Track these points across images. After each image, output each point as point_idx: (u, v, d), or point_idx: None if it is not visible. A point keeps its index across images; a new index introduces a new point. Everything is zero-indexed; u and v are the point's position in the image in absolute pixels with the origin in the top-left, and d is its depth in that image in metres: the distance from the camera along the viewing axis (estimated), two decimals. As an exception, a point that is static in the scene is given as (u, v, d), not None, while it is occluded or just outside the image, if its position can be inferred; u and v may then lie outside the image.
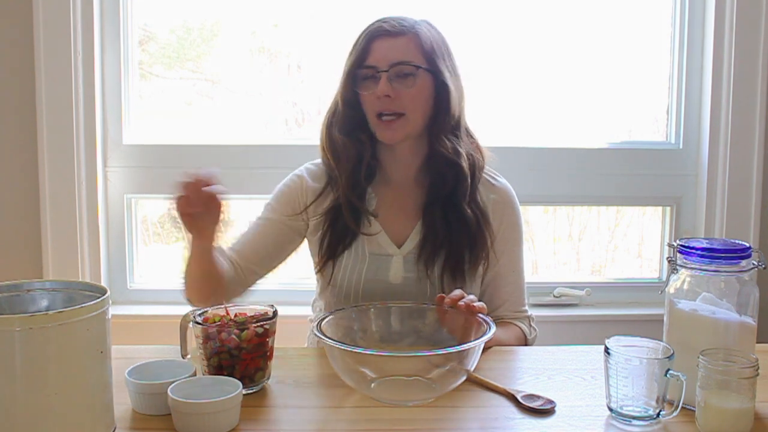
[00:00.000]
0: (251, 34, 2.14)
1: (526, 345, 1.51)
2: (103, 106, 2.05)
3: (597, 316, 2.12)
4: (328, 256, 1.46)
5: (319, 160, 1.54)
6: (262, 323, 1.17)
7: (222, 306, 1.22)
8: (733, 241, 1.14)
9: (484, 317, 1.22)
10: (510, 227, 1.51)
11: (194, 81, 2.18)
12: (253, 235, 1.51)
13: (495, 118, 2.16)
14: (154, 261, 2.20)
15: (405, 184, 1.50)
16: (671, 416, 1.05)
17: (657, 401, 1.06)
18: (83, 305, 0.95)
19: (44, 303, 1.06)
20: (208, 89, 2.19)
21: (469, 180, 1.45)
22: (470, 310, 1.23)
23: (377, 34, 1.41)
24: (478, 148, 1.51)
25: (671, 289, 1.14)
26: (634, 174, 2.15)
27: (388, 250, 1.45)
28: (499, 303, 1.51)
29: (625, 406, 1.07)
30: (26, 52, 1.96)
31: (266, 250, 1.51)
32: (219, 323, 1.17)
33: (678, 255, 1.13)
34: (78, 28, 1.97)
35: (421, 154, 1.49)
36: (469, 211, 1.44)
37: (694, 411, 1.05)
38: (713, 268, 1.09)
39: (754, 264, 1.10)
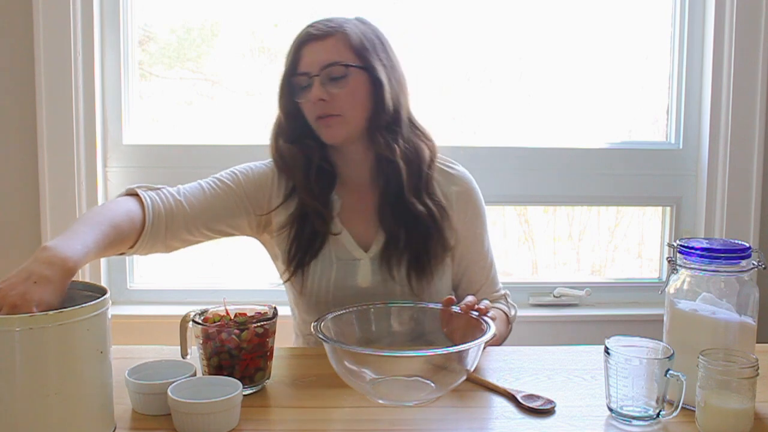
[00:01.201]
0: (251, 34, 2.14)
1: (508, 324, 1.52)
2: (103, 106, 2.05)
3: (597, 316, 2.12)
4: (296, 265, 1.44)
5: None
6: (262, 323, 1.17)
7: (222, 306, 1.22)
8: (733, 241, 1.14)
9: (485, 318, 1.22)
10: (475, 216, 1.51)
11: (194, 81, 2.18)
12: (207, 196, 1.42)
13: (495, 118, 2.17)
14: (154, 261, 2.19)
15: (363, 187, 1.48)
16: (671, 416, 1.05)
17: (657, 401, 1.06)
18: (83, 305, 0.95)
19: (44, 303, 1.06)
20: (208, 89, 2.19)
21: (410, 175, 1.42)
22: (482, 314, 1.23)
23: (305, 39, 1.40)
24: (425, 138, 1.48)
25: (671, 289, 1.14)
26: (634, 174, 2.15)
27: (355, 254, 1.44)
28: (476, 289, 1.51)
29: (625, 406, 1.07)
30: (26, 52, 1.95)
31: (214, 217, 1.42)
32: (219, 323, 1.17)
33: (678, 255, 1.13)
34: (78, 28, 1.97)
35: (370, 154, 1.46)
36: (421, 207, 1.42)
37: (694, 411, 1.05)
38: (713, 268, 1.09)
39: (754, 264, 1.10)
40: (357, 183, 1.49)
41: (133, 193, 1.37)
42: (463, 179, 1.52)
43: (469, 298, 1.27)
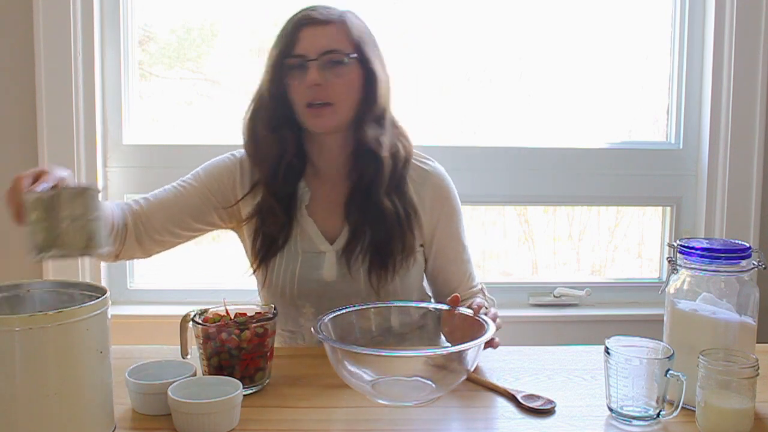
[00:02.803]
0: (251, 33, 2.14)
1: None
2: (103, 106, 2.05)
3: (597, 316, 2.12)
4: (261, 257, 1.43)
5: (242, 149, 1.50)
6: (262, 323, 1.17)
7: (222, 306, 1.22)
8: (733, 241, 1.14)
9: (483, 317, 1.22)
10: (450, 213, 1.48)
11: (194, 81, 2.18)
12: (169, 196, 1.45)
13: (495, 118, 2.17)
14: (154, 261, 2.19)
15: (335, 178, 1.46)
16: (671, 416, 1.05)
17: (657, 401, 1.06)
18: (83, 305, 0.95)
19: (44, 303, 1.06)
20: (208, 89, 2.19)
21: (389, 172, 1.41)
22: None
23: (305, 22, 1.37)
24: (403, 137, 1.46)
25: (671, 289, 1.14)
26: (634, 174, 2.15)
27: (320, 247, 1.42)
28: (455, 286, 1.48)
29: (625, 406, 1.07)
30: (26, 52, 1.95)
31: (180, 215, 1.44)
32: (219, 323, 1.17)
33: (678, 255, 1.13)
34: (78, 28, 1.97)
35: (349, 146, 1.43)
36: (389, 204, 1.40)
37: (694, 411, 1.05)
38: (713, 268, 1.09)
39: (754, 264, 1.10)
40: (328, 174, 1.46)
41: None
42: (438, 176, 1.49)
43: (479, 300, 1.27)
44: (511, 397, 1.15)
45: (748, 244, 1.11)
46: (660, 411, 1.06)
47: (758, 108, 2.03)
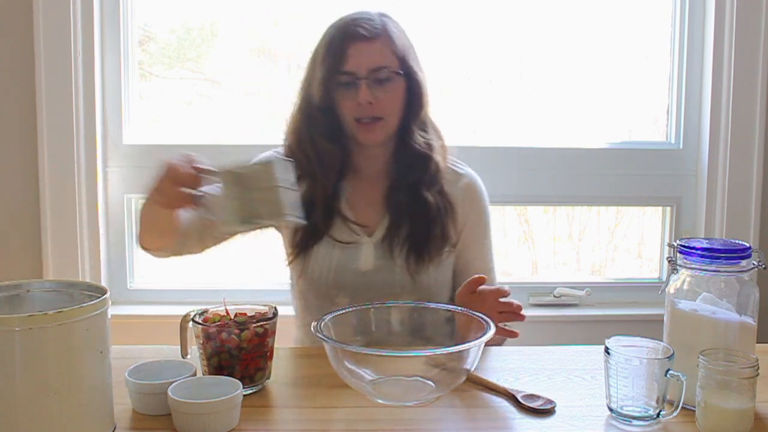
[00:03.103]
0: (251, 33, 2.14)
1: None
2: (103, 106, 2.05)
3: (597, 316, 2.12)
4: (300, 248, 1.48)
5: (280, 149, 1.54)
6: (262, 323, 1.17)
7: (222, 306, 1.22)
8: (733, 241, 1.14)
9: (484, 317, 1.22)
10: (477, 216, 1.54)
11: (194, 81, 2.18)
12: None
13: (496, 118, 2.17)
14: (154, 261, 2.19)
15: (374, 176, 1.53)
16: (671, 416, 1.05)
17: (657, 401, 1.06)
18: (83, 305, 0.95)
19: (44, 303, 1.06)
20: (208, 89, 2.19)
21: (434, 170, 1.48)
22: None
23: (353, 38, 1.41)
24: (440, 136, 1.53)
25: (671, 289, 1.14)
26: (634, 174, 2.15)
27: (358, 238, 1.48)
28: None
29: (625, 406, 1.07)
30: (26, 52, 1.95)
31: None
32: (219, 323, 1.17)
33: (678, 255, 1.13)
34: (78, 28, 1.97)
35: (391, 147, 1.50)
36: (431, 198, 1.47)
37: (694, 411, 1.05)
38: (713, 268, 1.09)
39: (754, 264, 1.10)
40: (368, 172, 1.53)
41: None
42: (470, 180, 1.56)
43: (506, 288, 1.31)
44: (511, 397, 1.15)
45: (748, 244, 1.11)
46: (660, 411, 1.06)
47: (758, 108, 2.03)
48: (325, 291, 1.47)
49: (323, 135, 1.46)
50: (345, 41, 1.42)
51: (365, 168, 1.53)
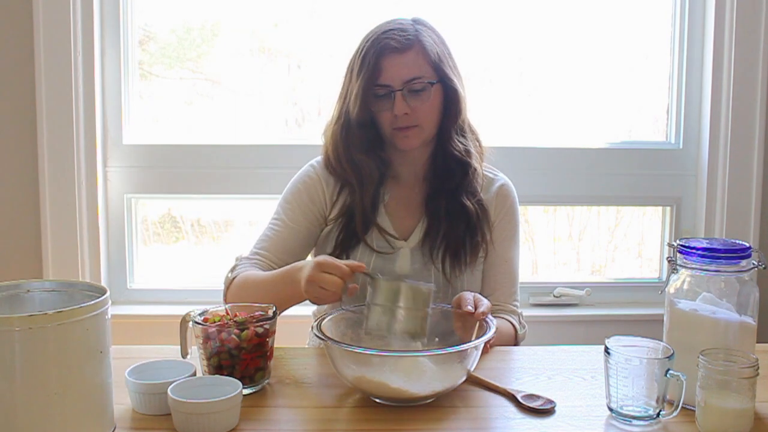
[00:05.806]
0: (251, 33, 2.14)
1: (515, 341, 1.50)
2: (103, 106, 2.05)
3: (597, 316, 2.12)
4: (338, 253, 1.49)
5: (319, 158, 1.56)
6: (262, 323, 1.17)
7: (222, 306, 1.22)
8: (733, 241, 1.14)
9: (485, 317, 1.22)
10: (506, 219, 1.56)
11: (194, 81, 2.18)
12: (282, 239, 1.52)
13: (496, 118, 2.16)
14: (154, 261, 2.19)
15: (412, 181, 1.55)
16: (671, 416, 1.05)
17: (657, 401, 1.06)
18: (83, 305, 0.95)
19: (44, 303, 1.06)
20: (208, 89, 2.19)
21: (472, 175, 1.51)
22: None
23: (386, 51, 1.42)
24: (478, 142, 1.55)
25: (671, 289, 1.14)
26: (634, 174, 2.15)
27: (395, 243, 1.49)
28: (489, 292, 1.52)
29: (625, 406, 1.07)
30: (26, 52, 1.95)
31: (294, 251, 1.52)
32: (219, 323, 1.17)
33: (678, 255, 1.13)
34: (78, 28, 1.97)
35: (428, 152, 1.53)
36: (469, 203, 1.50)
37: (694, 411, 1.05)
38: (713, 268, 1.09)
39: (754, 264, 1.10)
40: (407, 177, 1.55)
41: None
42: (503, 185, 1.58)
43: (485, 304, 1.27)
44: (511, 397, 1.15)
45: (748, 244, 1.11)
46: (660, 411, 1.06)
47: (758, 108, 2.03)
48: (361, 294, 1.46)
49: (362, 147, 1.48)
50: (378, 54, 1.43)
51: (404, 173, 1.54)
